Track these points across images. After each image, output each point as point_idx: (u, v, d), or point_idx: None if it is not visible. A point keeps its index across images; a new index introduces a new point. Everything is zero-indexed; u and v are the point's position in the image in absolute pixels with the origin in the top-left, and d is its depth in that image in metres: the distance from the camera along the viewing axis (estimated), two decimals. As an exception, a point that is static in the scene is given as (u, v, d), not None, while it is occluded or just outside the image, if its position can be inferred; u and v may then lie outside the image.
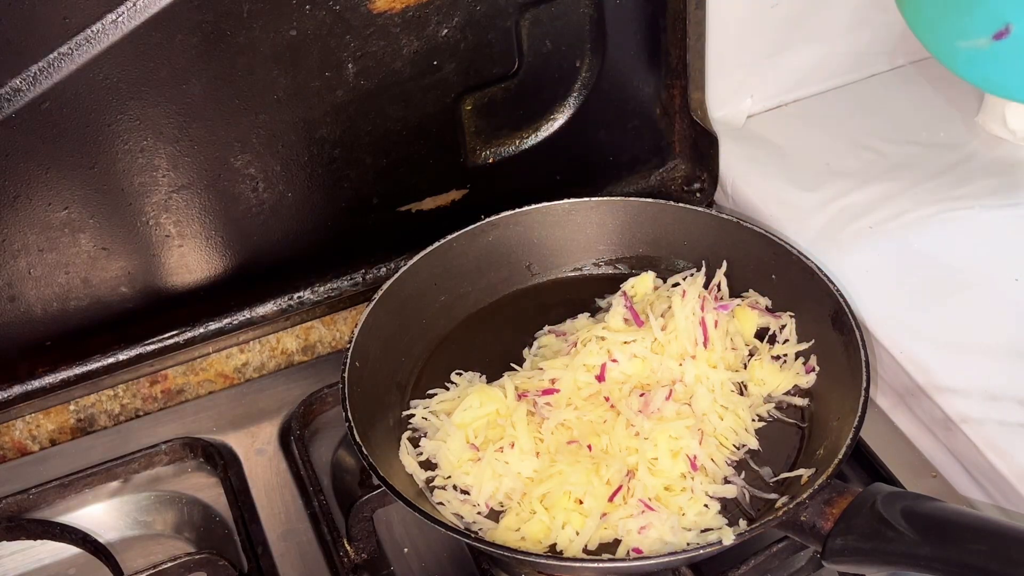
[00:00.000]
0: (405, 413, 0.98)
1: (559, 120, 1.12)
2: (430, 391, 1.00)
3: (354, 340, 0.97)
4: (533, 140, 1.12)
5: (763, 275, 1.04)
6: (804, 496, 0.80)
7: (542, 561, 0.83)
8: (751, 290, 1.04)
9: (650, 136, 1.19)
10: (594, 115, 1.13)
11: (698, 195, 1.21)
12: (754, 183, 1.18)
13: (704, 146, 1.18)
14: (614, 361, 0.96)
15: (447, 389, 1.00)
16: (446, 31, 1.00)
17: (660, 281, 1.06)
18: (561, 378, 0.96)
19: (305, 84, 0.97)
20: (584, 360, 0.96)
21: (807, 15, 1.21)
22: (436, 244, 1.06)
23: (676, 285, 1.02)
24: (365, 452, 0.87)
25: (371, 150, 1.04)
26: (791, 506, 0.80)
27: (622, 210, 1.10)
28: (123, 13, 0.86)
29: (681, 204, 1.09)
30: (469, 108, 1.06)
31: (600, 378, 0.96)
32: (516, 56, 1.05)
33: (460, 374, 1.01)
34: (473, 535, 0.86)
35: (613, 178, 1.20)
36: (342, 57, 0.97)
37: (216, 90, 0.93)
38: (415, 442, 0.96)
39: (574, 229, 1.11)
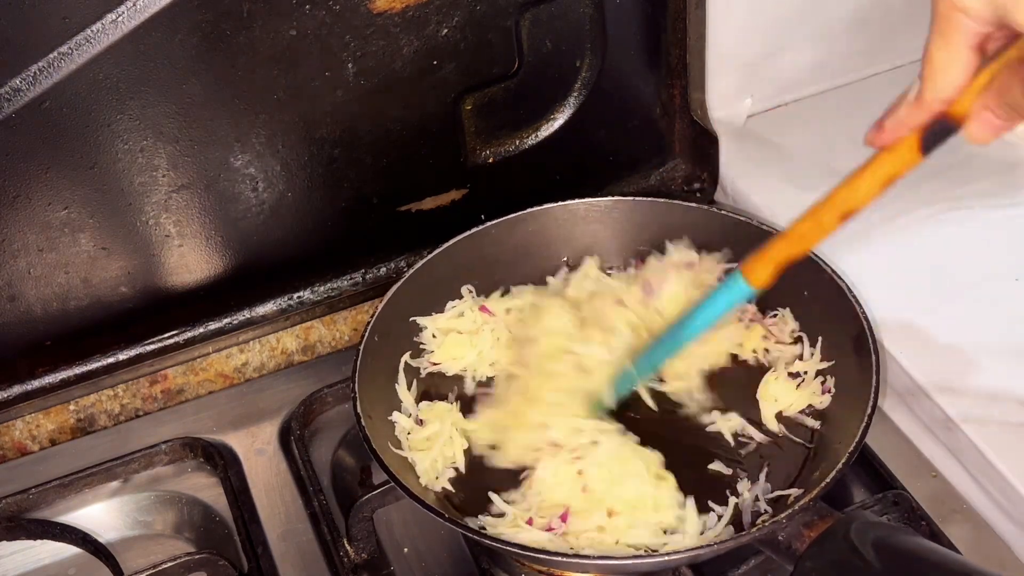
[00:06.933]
0: (415, 338, 1.02)
1: (559, 120, 1.12)
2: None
3: (377, 314, 0.97)
4: (533, 140, 1.12)
5: (796, 290, 1.00)
6: (782, 516, 0.80)
7: (542, 556, 0.82)
8: (788, 311, 1.02)
9: (650, 136, 1.19)
10: (594, 115, 1.13)
11: (698, 195, 1.21)
12: (754, 183, 1.18)
13: (704, 146, 1.18)
14: None
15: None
16: (446, 31, 1.00)
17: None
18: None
19: (305, 84, 0.97)
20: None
21: (807, 15, 1.21)
22: (474, 229, 1.06)
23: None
24: (363, 424, 0.88)
25: (371, 150, 1.04)
26: (767, 524, 0.80)
27: (665, 212, 1.08)
28: (123, 13, 0.86)
29: (724, 212, 1.07)
30: (469, 108, 1.06)
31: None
32: (516, 56, 1.05)
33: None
34: (473, 531, 0.85)
35: (613, 178, 1.20)
36: (342, 57, 0.97)
37: (216, 90, 0.94)
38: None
39: (615, 227, 1.10)
